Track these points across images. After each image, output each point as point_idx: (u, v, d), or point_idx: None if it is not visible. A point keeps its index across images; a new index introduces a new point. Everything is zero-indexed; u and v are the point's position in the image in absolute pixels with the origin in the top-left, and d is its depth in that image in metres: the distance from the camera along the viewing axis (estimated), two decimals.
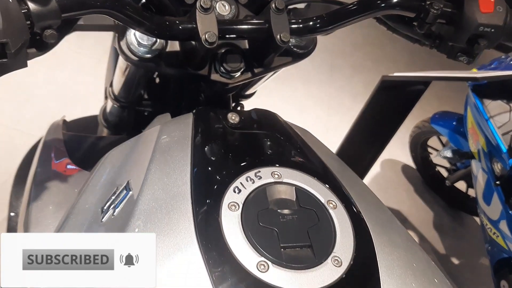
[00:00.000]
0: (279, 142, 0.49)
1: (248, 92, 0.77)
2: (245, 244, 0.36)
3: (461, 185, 2.22)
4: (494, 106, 1.61)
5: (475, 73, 1.45)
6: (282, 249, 0.37)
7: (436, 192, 2.26)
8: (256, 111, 0.54)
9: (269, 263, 0.35)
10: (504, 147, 1.50)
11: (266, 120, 0.53)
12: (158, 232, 0.36)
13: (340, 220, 0.41)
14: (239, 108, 0.78)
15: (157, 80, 0.70)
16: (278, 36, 0.50)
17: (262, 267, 0.35)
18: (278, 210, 0.39)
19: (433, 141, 2.21)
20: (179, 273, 0.34)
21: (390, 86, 1.60)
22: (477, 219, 2.22)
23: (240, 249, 0.36)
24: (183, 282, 0.34)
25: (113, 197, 0.43)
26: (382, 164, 2.34)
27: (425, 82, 1.62)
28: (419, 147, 2.20)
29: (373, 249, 0.40)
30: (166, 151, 0.44)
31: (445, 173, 2.23)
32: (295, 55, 0.59)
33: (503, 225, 1.51)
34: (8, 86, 1.92)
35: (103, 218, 0.42)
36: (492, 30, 0.50)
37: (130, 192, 0.42)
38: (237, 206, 0.39)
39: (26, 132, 1.81)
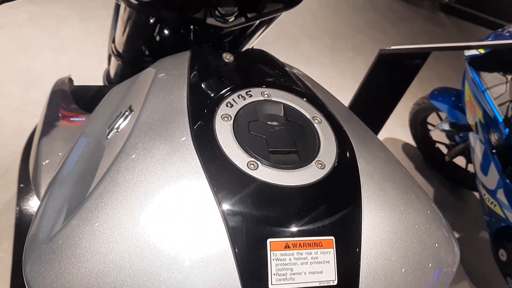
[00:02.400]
0: (270, 70, 0.53)
1: (244, 49, 0.80)
2: (236, 148, 0.40)
3: (460, 162, 2.25)
4: (490, 78, 1.64)
5: (470, 42, 1.47)
6: (270, 153, 0.40)
7: (436, 168, 2.29)
8: (251, 50, 0.57)
9: (258, 163, 0.39)
10: (500, 117, 1.53)
11: (261, 57, 0.57)
12: (157, 138, 0.40)
13: (324, 132, 0.44)
14: None
15: (157, 36, 0.73)
16: None
17: (252, 166, 0.39)
18: (267, 122, 0.43)
19: (432, 118, 2.23)
20: (177, 171, 0.38)
21: (388, 60, 1.62)
22: (476, 194, 2.25)
23: (232, 151, 0.39)
24: (180, 179, 0.37)
25: (117, 119, 0.47)
26: (383, 142, 2.36)
27: (423, 56, 1.64)
28: (419, 124, 2.23)
29: (354, 157, 0.43)
30: (165, 78, 0.48)
31: (445, 150, 2.26)
32: (287, 2, 0.62)
33: (500, 194, 1.55)
34: (14, 71, 1.97)
35: (108, 136, 0.46)
36: None
37: (133, 112, 0.46)
38: (229, 118, 0.42)
39: (32, 113, 1.85)
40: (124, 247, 0.34)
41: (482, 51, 1.64)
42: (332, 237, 0.37)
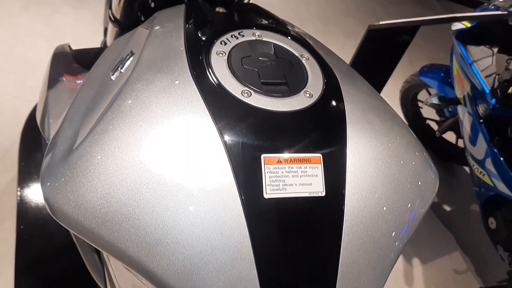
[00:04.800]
0: (260, 17, 0.57)
1: None
2: (231, 78, 0.44)
3: (451, 138, 2.30)
4: (477, 51, 1.68)
5: (455, 14, 1.52)
6: (262, 84, 0.44)
7: (427, 145, 2.33)
8: (243, 3, 0.61)
9: (252, 91, 0.43)
10: (487, 89, 1.57)
11: (253, 9, 0.60)
12: (158, 71, 0.44)
13: (311, 68, 0.48)
14: None
15: (152, 3, 0.76)
16: None
17: (246, 94, 0.43)
18: (259, 58, 0.47)
19: (422, 96, 2.27)
20: (178, 98, 0.41)
21: (377, 36, 1.66)
22: (466, 169, 2.31)
23: (227, 81, 0.43)
24: (181, 105, 0.41)
25: (119, 63, 0.50)
26: None
27: (412, 31, 1.68)
28: (409, 102, 2.27)
29: (339, 89, 0.47)
30: (162, 25, 0.52)
31: (435, 127, 2.31)
32: None
33: (489, 163, 1.59)
34: (10, 59, 1.98)
35: (112, 76, 0.49)
36: None
37: (134, 54, 0.49)
38: (224, 54, 0.46)
39: (29, 99, 1.88)
40: (132, 162, 0.38)
41: (468, 24, 1.68)
42: (319, 155, 0.41)
